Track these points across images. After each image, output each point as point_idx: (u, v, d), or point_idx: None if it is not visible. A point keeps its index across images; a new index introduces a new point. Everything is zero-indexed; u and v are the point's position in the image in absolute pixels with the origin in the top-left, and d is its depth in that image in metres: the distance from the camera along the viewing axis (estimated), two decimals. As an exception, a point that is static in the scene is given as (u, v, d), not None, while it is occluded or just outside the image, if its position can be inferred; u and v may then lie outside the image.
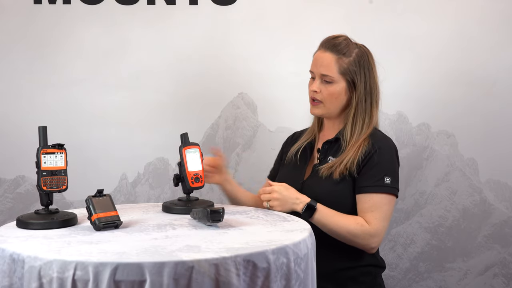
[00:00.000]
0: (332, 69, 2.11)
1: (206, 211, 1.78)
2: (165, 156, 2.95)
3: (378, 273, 2.20)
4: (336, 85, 2.12)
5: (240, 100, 2.96)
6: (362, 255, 2.12)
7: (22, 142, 2.83)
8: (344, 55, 2.12)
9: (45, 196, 1.83)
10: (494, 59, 2.93)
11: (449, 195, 2.99)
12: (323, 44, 2.16)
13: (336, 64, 2.11)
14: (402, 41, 2.91)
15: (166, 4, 2.90)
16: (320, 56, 2.14)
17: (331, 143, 2.18)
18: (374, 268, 2.17)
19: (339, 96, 2.13)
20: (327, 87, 2.12)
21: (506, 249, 3.00)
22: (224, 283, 1.47)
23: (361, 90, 2.12)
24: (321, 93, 2.12)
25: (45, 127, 1.85)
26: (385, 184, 2.07)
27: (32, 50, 2.89)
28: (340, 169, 2.08)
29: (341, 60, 2.11)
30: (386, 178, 2.07)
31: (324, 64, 2.12)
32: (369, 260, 2.15)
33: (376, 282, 2.18)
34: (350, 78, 2.12)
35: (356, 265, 2.12)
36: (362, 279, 2.14)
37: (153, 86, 2.92)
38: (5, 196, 2.93)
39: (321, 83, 2.13)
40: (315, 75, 2.15)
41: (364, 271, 2.15)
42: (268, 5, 2.92)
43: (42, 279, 1.47)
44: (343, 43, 2.14)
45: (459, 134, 2.97)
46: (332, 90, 2.12)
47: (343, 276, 2.11)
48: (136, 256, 1.48)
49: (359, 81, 2.12)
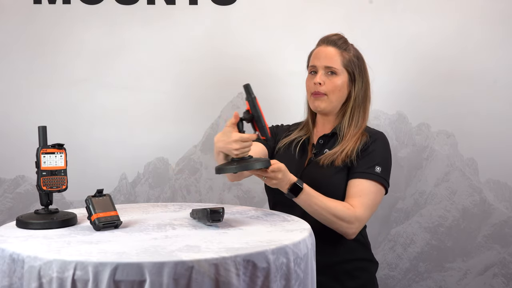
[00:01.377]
0: (337, 61, 2.16)
1: (206, 211, 1.78)
2: (165, 156, 2.95)
3: (373, 270, 2.21)
4: (339, 77, 2.16)
5: (240, 100, 2.96)
6: (357, 248, 2.14)
7: (22, 142, 2.83)
8: (345, 50, 2.18)
9: (45, 196, 1.83)
10: (494, 59, 2.93)
11: (449, 195, 2.99)
12: (324, 41, 2.21)
13: (340, 56, 2.17)
14: (402, 40, 2.91)
15: (166, 4, 2.90)
16: (323, 50, 2.19)
17: (326, 137, 2.21)
18: (368, 263, 2.19)
19: (341, 89, 2.17)
20: (330, 79, 2.16)
21: (506, 249, 3.00)
22: (224, 283, 1.47)
23: (359, 85, 2.19)
24: (325, 86, 2.16)
25: (44, 127, 1.85)
26: (375, 173, 2.10)
27: (32, 50, 2.89)
28: (342, 156, 2.12)
29: (343, 53, 2.18)
30: (377, 167, 2.10)
31: (329, 56, 2.17)
32: (364, 254, 2.17)
33: (370, 279, 2.19)
34: (351, 71, 2.18)
35: (351, 258, 2.14)
36: (358, 274, 2.15)
37: (153, 86, 2.92)
38: (5, 196, 2.93)
39: (325, 75, 2.16)
40: (318, 69, 2.18)
41: (360, 266, 2.16)
42: (268, 5, 2.92)
43: (42, 279, 1.47)
44: (342, 39, 2.21)
45: (459, 134, 2.97)
46: (336, 81, 2.16)
47: (339, 270, 2.13)
48: (136, 256, 1.48)
49: (358, 75, 2.18)
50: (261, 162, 1.91)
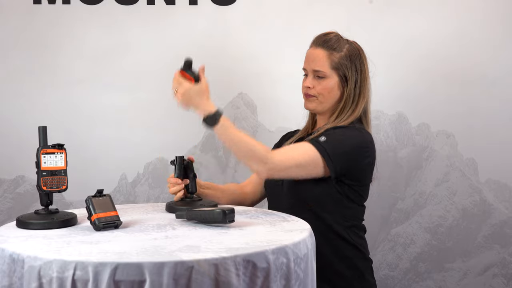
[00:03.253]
0: (324, 65, 2.14)
1: (222, 212, 1.76)
2: (164, 156, 2.95)
3: (365, 267, 2.16)
4: (329, 80, 2.14)
5: (239, 100, 2.96)
6: (345, 248, 2.09)
7: (22, 142, 2.83)
8: (335, 50, 2.15)
9: (45, 196, 1.83)
10: (494, 59, 2.93)
11: (448, 195, 2.99)
12: (314, 41, 2.20)
13: (328, 59, 2.14)
14: (402, 41, 2.91)
15: (165, 4, 2.90)
16: (312, 53, 2.18)
17: None
18: (358, 260, 2.13)
19: (332, 91, 2.15)
20: (320, 82, 2.15)
21: (505, 249, 3.00)
22: (224, 283, 1.47)
23: (352, 85, 2.15)
24: (315, 89, 2.15)
25: (45, 127, 1.85)
26: (316, 139, 2.05)
27: (31, 50, 2.89)
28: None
29: (333, 55, 2.14)
30: (322, 137, 2.05)
31: (316, 60, 2.15)
32: (352, 253, 2.11)
33: (364, 278, 2.14)
34: (342, 72, 2.15)
35: (339, 258, 2.09)
36: (347, 273, 2.10)
37: (153, 86, 2.92)
38: (5, 196, 2.93)
39: (314, 78, 2.16)
40: (308, 72, 2.18)
41: (348, 264, 2.11)
42: (268, 5, 2.92)
43: (41, 279, 1.47)
44: (334, 38, 2.17)
45: (458, 134, 2.97)
46: (325, 84, 2.14)
47: (327, 270, 2.06)
48: (136, 256, 1.48)
49: (350, 75, 2.15)
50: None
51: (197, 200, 2.08)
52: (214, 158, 2.99)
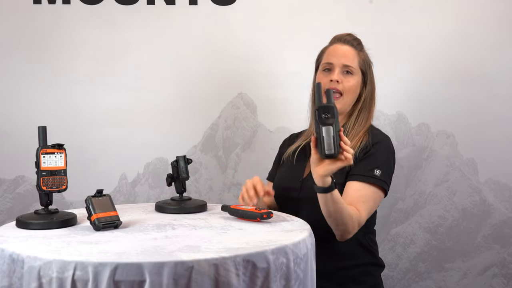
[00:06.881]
0: (354, 61, 2.17)
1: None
2: (164, 156, 2.95)
3: (378, 272, 2.20)
4: (354, 77, 2.17)
5: (239, 100, 2.96)
6: (362, 254, 2.13)
7: (22, 142, 2.83)
8: (360, 51, 2.20)
9: (45, 196, 1.83)
10: (494, 59, 2.93)
11: (448, 195, 2.99)
12: (340, 39, 2.21)
13: (357, 57, 2.18)
14: (402, 41, 2.91)
15: (165, 4, 2.90)
16: (341, 48, 2.18)
17: None
18: (374, 267, 2.17)
19: (356, 89, 2.17)
20: (347, 78, 2.16)
21: (505, 249, 3.00)
22: (224, 283, 1.47)
23: (369, 86, 2.19)
24: (342, 84, 2.15)
25: (44, 127, 1.85)
26: (375, 176, 2.06)
27: (31, 50, 2.89)
28: None
29: (359, 55, 2.19)
30: (377, 170, 2.07)
31: (347, 55, 2.16)
32: (370, 259, 2.15)
33: (376, 282, 2.19)
34: (364, 73, 2.19)
35: (356, 263, 2.13)
36: (363, 279, 2.14)
37: (153, 86, 2.92)
38: (5, 196, 2.93)
39: (341, 73, 2.15)
40: (335, 66, 2.16)
41: (364, 270, 2.15)
42: (268, 5, 2.92)
43: (41, 279, 1.47)
44: (357, 40, 2.21)
45: (458, 134, 2.97)
46: (352, 81, 2.16)
47: (344, 275, 2.11)
48: (136, 256, 1.48)
49: (368, 76, 2.19)
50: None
51: (187, 200, 2.11)
52: (214, 158, 2.99)
